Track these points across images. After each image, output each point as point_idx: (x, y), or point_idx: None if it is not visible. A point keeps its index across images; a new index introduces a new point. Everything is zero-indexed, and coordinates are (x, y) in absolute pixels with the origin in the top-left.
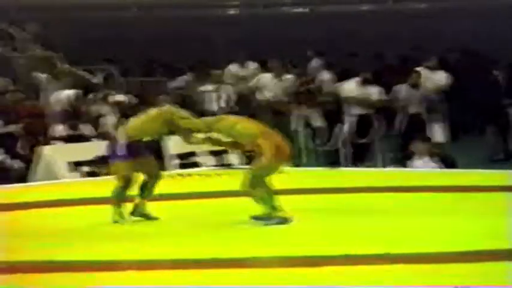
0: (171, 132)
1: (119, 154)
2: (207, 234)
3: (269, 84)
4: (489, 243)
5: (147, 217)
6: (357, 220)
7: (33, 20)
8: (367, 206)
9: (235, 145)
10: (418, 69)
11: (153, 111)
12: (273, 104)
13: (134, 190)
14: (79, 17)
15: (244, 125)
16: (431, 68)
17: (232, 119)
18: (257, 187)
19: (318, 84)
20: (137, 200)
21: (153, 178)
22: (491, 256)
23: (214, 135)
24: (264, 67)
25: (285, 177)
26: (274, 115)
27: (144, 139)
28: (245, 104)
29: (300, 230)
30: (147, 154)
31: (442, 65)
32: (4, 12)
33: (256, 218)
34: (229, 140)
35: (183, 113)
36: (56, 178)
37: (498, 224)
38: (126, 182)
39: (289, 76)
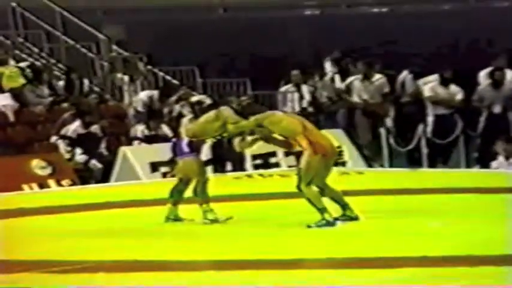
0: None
1: (183, 151)
2: (272, 235)
3: (359, 86)
4: None
5: (214, 221)
6: (427, 221)
7: (116, 23)
8: (443, 206)
9: (282, 143)
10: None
11: (211, 113)
12: (370, 105)
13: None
14: (162, 18)
15: (289, 121)
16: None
17: (279, 115)
18: (309, 187)
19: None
20: (201, 205)
21: (204, 180)
22: None
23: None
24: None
25: (361, 178)
26: (368, 117)
27: (206, 139)
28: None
29: (363, 231)
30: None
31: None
32: (89, 15)
33: (310, 226)
34: (276, 135)
35: (235, 117)
36: (137, 178)
37: None
38: (186, 181)
39: (378, 76)
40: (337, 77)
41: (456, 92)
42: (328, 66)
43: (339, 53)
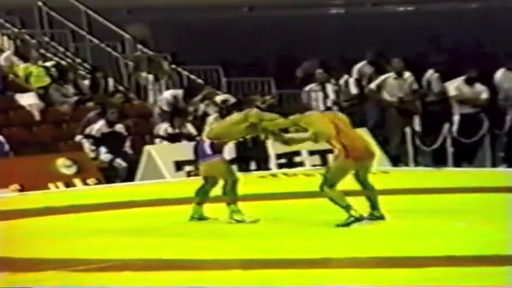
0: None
1: (206, 153)
2: (297, 234)
3: (393, 84)
4: None
5: (240, 221)
6: (452, 221)
7: (141, 21)
8: (468, 206)
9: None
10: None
11: (237, 115)
12: (403, 104)
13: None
14: (186, 17)
15: (324, 124)
16: None
17: (315, 115)
18: (333, 187)
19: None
20: (229, 205)
21: (233, 180)
22: None
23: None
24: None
25: (387, 177)
26: (400, 115)
27: (229, 141)
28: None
29: (389, 230)
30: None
31: None
32: (114, 14)
33: (339, 225)
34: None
35: (270, 115)
36: (162, 177)
37: None
38: (212, 182)
39: (408, 74)
40: (351, 81)
41: (481, 91)
42: (365, 68)
43: (373, 54)
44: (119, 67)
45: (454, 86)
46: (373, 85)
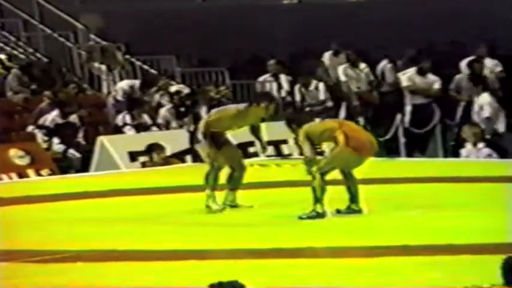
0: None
1: (199, 140)
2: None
3: (352, 75)
4: None
5: (237, 206)
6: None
7: (93, 11)
8: (420, 195)
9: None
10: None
11: (232, 109)
12: (362, 94)
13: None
14: (140, 8)
15: (325, 122)
16: (482, 57)
17: (314, 123)
18: (322, 178)
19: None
20: (227, 192)
21: (238, 169)
22: None
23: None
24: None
25: None
26: (361, 106)
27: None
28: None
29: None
30: (231, 145)
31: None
32: (67, 4)
33: (301, 218)
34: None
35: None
36: (117, 168)
37: None
38: (216, 168)
39: (364, 65)
40: (321, 86)
41: (434, 81)
42: (327, 60)
43: (336, 45)
44: (72, 57)
45: (407, 77)
46: (342, 77)
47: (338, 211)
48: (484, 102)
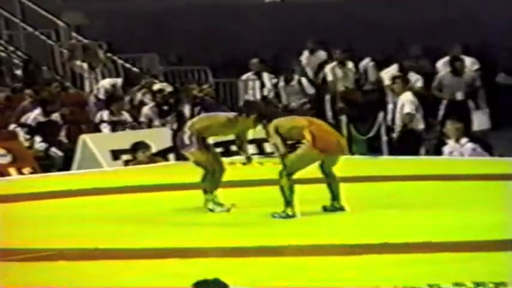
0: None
1: (186, 144)
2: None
3: (337, 73)
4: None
5: (221, 205)
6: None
7: (75, 9)
8: (402, 193)
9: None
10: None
11: (222, 117)
12: (345, 93)
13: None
14: (124, 6)
15: (295, 119)
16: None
17: (283, 119)
18: (291, 176)
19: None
20: (205, 193)
21: (219, 170)
22: None
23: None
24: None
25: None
26: (345, 104)
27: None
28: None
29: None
30: (211, 146)
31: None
32: (49, 2)
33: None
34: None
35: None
36: (99, 166)
37: None
38: (210, 169)
39: (351, 64)
40: (304, 81)
41: (416, 80)
42: (304, 59)
43: (312, 44)
44: (54, 55)
45: (388, 75)
46: (330, 77)
47: (325, 209)
48: (405, 100)
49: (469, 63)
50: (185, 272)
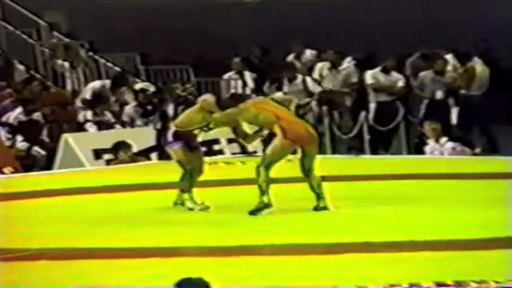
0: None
1: (169, 141)
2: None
3: (328, 75)
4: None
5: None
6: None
7: (57, 8)
8: (384, 193)
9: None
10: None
11: (197, 104)
12: (332, 94)
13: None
14: (105, 5)
15: (264, 115)
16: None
17: (253, 110)
18: (267, 171)
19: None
20: (183, 192)
21: (199, 170)
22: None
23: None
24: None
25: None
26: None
27: (193, 130)
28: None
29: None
30: (198, 148)
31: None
32: (30, 1)
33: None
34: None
35: (216, 108)
36: (81, 165)
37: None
38: (190, 168)
39: (346, 65)
40: (309, 80)
41: (398, 79)
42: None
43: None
44: (35, 54)
45: (370, 74)
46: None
47: (315, 208)
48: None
49: (453, 62)
50: (166, 272)
